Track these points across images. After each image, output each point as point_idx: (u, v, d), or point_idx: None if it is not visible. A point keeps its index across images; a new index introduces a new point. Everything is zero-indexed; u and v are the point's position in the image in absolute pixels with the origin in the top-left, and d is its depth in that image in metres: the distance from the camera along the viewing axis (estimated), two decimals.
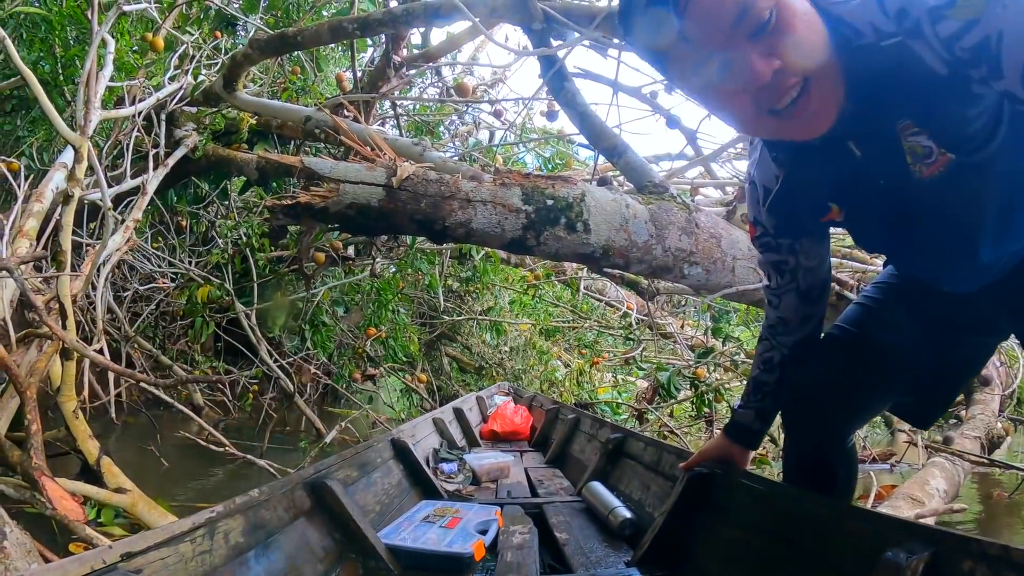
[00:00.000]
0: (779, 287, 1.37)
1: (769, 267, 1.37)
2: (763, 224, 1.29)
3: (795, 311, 1.38)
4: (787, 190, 1.19)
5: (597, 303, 7.60)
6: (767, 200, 1.24)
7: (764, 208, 1.25)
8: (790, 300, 1.37)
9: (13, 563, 1.35)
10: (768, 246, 1.33)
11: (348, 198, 1.97)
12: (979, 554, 0.79)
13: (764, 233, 1.31)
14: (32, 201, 3.01)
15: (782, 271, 1.35)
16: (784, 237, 1.29)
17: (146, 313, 5.37)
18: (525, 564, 1.60)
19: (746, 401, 1.52)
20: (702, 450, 1.63)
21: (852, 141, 1.03)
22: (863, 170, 1.05)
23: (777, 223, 1.27)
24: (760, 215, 1.28)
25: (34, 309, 2.24)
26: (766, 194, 1.23)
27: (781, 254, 1.32)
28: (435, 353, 8.06)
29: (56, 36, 3.69)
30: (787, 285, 1.35)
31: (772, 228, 1.29)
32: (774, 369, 1.44)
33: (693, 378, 4.83)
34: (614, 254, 2.22)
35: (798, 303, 1.37)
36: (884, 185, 1.05)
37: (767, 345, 1.45)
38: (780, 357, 1.43)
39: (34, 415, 1.97)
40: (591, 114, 2.74)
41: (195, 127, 4.52)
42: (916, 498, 2.38)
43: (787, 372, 1.44)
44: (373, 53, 5.40)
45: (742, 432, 1.53)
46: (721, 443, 1.57)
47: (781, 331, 1.41)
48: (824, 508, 1.16)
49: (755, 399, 1.49)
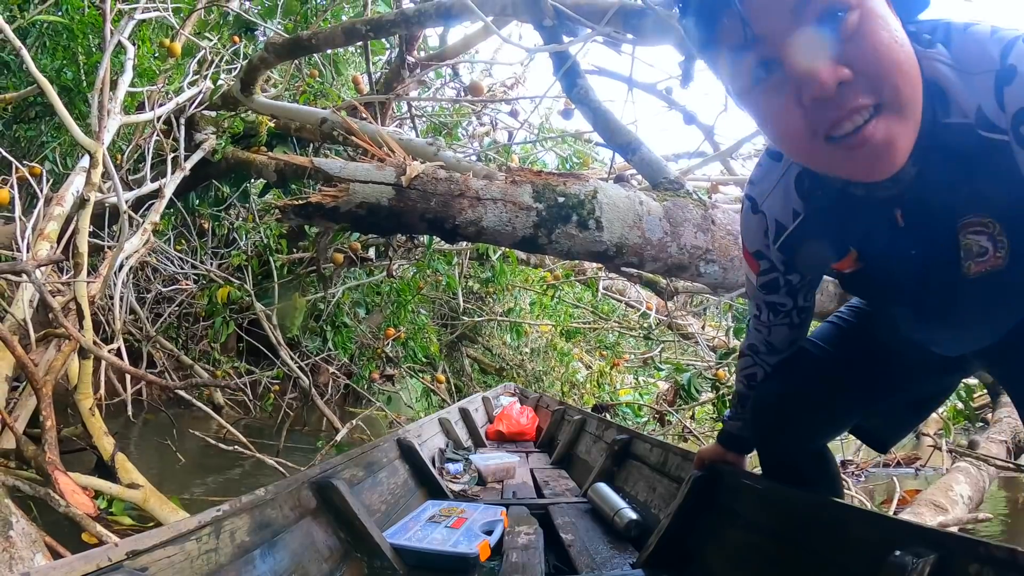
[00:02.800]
0: (769, 323, 1.32)
1: (763, 305, 1.30)
2: (770, 259, 1.20)
3: (783, 340, 1.35)
4: (806, 231, 1.09)
5: (617, 304, 7.56)
6: (779, 237, 1.13)
7: (775, 246, 1.15)
8: (781, 332, 1.33)
9: (18, 553, 1.37)
10: (772, 286, 1.24)
11: (358, 197, 1.98)
12: (986, 557, 0.77)
13: (770, 269, 1.21)
14: (53, 205, 3.08)
15: (777, 312, 1.29)
16: (793, 274, 1.21)
17: (167, 313, 5.46)
18: (530, 565, 1.59)
19: (734, 412, 1.51)
20: (699, 455, 1.63)
21: (899, 209, 0.94)
22: (899, 239, 0.97)
23: (787, 260, 1.17)
24: (767, 249, 1.18)
25: (51, 311, 2.28)
26: (779, 230, 1.13)
27: (780, 296, 1.26)
28: (456, 354, 8.09)
29: (79, 43, 3.77)
30: (779, 321, 1.31)
31: (781, 265, 1.19)
32: (757, 385, 1.42)
33: (714, 380, 4.78)
34: (628, 252, 2.19)
35: (789, 334, 1.33)
36: (917, 259, 0.97)
37: (750, 361, 1.42)
38: (763, 374, 1.41)
39: (49, 412, 2.01)
40: (604, 111, 2.71)
41: (214, 131, 4.58)
42: (940, 504, 2.32)
43: (759, 385, 1.42)
44: (390, 55, 5.42)
45: (734, 440, 1.54)
46: (716, 449, 1.58)
47: (765, 352, 1.38)
48: (830, 510, 1.13)
49: (742, 412, 1.47)
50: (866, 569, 0.92)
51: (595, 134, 3.01)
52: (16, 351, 2.13)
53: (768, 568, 1.25)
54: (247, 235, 5.27)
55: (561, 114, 5.04)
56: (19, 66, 3.77)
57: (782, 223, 1.11)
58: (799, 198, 1.07)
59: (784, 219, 1.11)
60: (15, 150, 3.93)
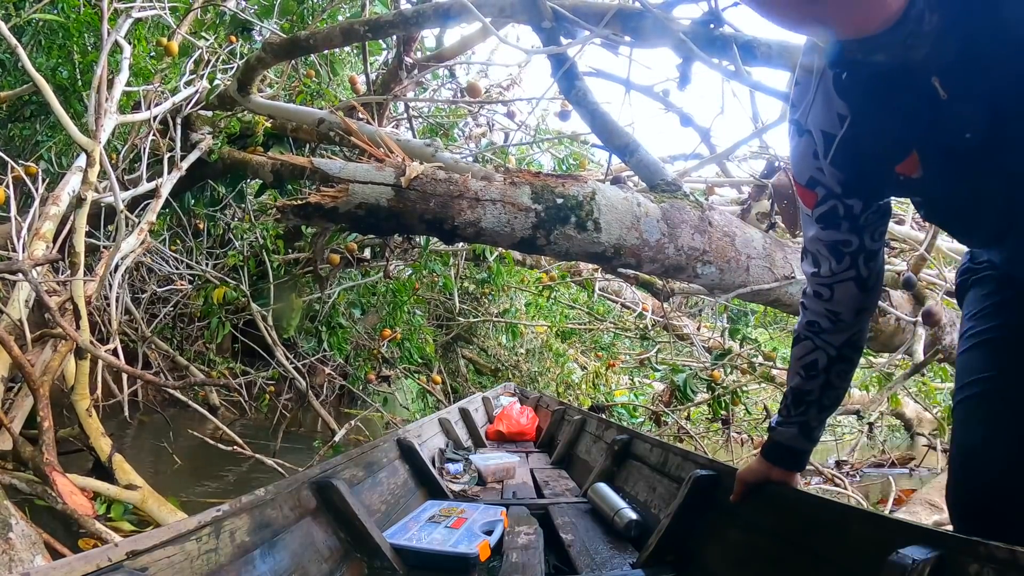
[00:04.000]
0: (833, 275, 1.12)
1: (824, 249, 1.12)
2: (824, 184, 1.05)
3: (850, 303, 1.14)
4: (857, 132, 0.94)
5: (613, 305, 7.57)
6: (830, 149, 0.98)
7: (827, 160, 1.00)
8: (846, 290, 1.13)
9: (18, 554, 1.36)
10: (831, 217, 1.07)
11: (357, 198, 1.98)
12: (987, 557, 0.77)
13: (828, 195, 1.06)
14: (49, 204, 3.06)
15: (840, 255, 1.10)
16: (853, 198, 1.04)
17: (163, 314, 5.45)
18: (530, 565, 1.59)
19: (786, 415, 1.27)
20: (740, 475, 1.39)
21: (936, 76, 0.82)
22: (947, 118, 0.84)
23: (846, 178, 1.02)
24: (820, 172, 1.03)
25: (48, 310, 2.28)
26: (828, 142, 0.98)
27: (842, 232, 1.08)
28: (451, 355, 8.08)
29: (74, 42, 3.76)
30: (844, 273, 1.11)
31: (839, 186, 1.03)
32: (818, 375, 1.20)
33: (709, 380, 4.80)
34: (626, 253, 2.20)
35: (856, 293, 1.13)
36: (975, 144, 0.84)
37: (808, 346, 1.21)
38: (826, 360, 1.19)
39: (46, 412, 2.01)
40: (602, 113, 2.72)
41: (211, 131, 4.57)
42: (935, 504, 2.33)
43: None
44: (387, 56, 5.42)
45: (783, 453, 1.29)
46: (759, 467, 1.33)
47: (828, 327, 1.17)
48: (830, 510, 1.13)
49: (796, 413, 1.24)
50: (866, 569, 0.92)
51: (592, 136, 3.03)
52: (12, 351, 2.13)
53: (768, 568, 1.25)
54: (243, 235, 5.26)
55: (558, 116, 5.07)
56: (14, 64, 3.74)
57: (829, 132, 0.98)
58: (840, 99, 0.94)
59: (830, 127, 0.97)
60: (10, 149, 3.91)
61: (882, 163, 0.96)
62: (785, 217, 2.73)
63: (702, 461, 1.70)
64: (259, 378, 5.37)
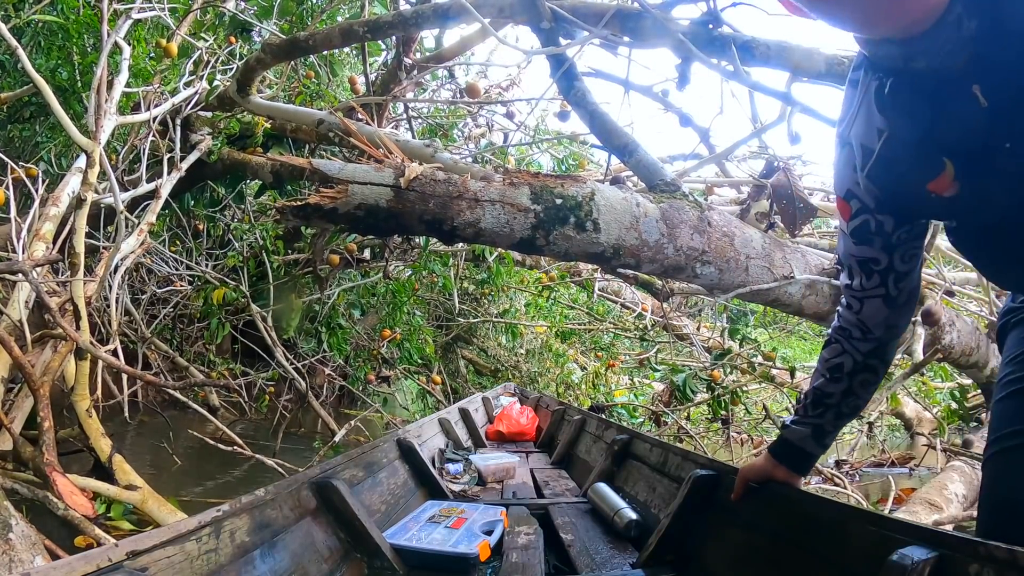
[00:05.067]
0: (862, 290, 1.14)
1: (854, 264, 1.13)
2: (860, 197, 1.05)
3: (879, 319, 1.15)
4: (893, 148, 0.95)
5: (612, 305, 7.57)
6: (868, 163, 0.99)
7: (863, 174, 1.01)
8: (874, 306, 1.14)
9: (18, 555, 1.37)
10: (864, 232, 1.08)
11: (357, 199, 1.97)
12: (986, 557, 0.77)
13: (861, 209, 1.06)
14: (49, 205, 3.06)
15: (870, 272, 1.11)
16: (886, 214, 1.05)
17: (163, 315, 5.44)
18: (530, 565, 1.59)
19: (803, 415, 1.26)
20: (742, 473, 1.39)
21: (976, 84, 0.81)
22: (986, 128, 0.83)
23: (879, 193, 1.03)
24: (857, 185, 1.04)
25: (48, 311, 2.28)
26: (865, 156, 1.00)
27: (874, 249, 1.08)
28: (451, 355, 8.08)
29: (74, 43, 3.76)
30: (873, 290, 1.12)
31: (872, 201, 1.04)
32: (842, 378, 1.20)
33: (709, 380, 4.80)
34: (625, 253, 2.20)
35: (885, 311, 1.14)
36: (1011, 151, 0.83)
37: (836, 349, 1.21)
38: (852, 364, 1.19)
39: (46, 413, 2.01)
40: (601, 113, 2.72)
41: (210, 131, 4.57)
42: (935, 503, 2.33)
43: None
44: (386, 56, 5.42)
45: (791, 453, 1.28)
46: (764, 464, 1.33)
47: (857, 336, 1.18)
48: (830, 510, 1.14)
49: (813, 414, 1.23)
50: (866, 569, 0.92)
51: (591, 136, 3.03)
52: (13, 352, 2.13)
53: (768, 568, 1.25)
54: (243, 236, 5.26)
55: (557, 116, 5.07)
56: (14, 65, 3.75)
57: (867, 146, 0.99)
58: (880, 114, 0.95)
59: (869, 141, 0.99)
60: (10, 150, 3.91)
61: (915, 179, 0.95)
62: (784, 217, 2.73)
63: (702, 461, 1.70)
64: (259, 379, 5.37)
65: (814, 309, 2.59)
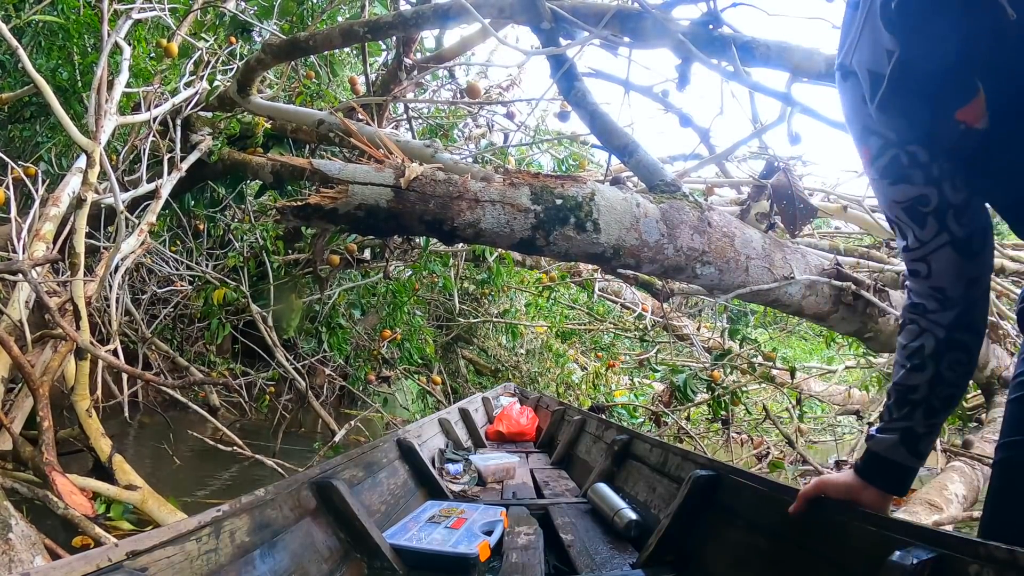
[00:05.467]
0: (923, 243, 0.95)
1: (901, 215, 0.95)
2: (879, 133, 0.91)
3: (954, 274, 0.95)
4: (908, 67, 0.82)
5: (613, 305, 7.57)
6: (877, 91, 0.86)
7: (874, 105, 0.87)
8: (945, 258, 0.94)
9: (18, 555, 1.37)
10: (896, 168, 0.92)
11: (357, 199, 1.97)
12: (986, 557, 0.77)
13: (885, 145, 0.91)
14: (49, 205, 3.06)
15: (922, 217, 0.93)
16: (915, 144, 0.89)
17: (163, 315, 5.45)
18: (530, 565, 1.59)
19: (887, 420, 1.02)
20: (820, 482, 1.11)
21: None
22: (1016, 42, 0.72)
23: (900, 123, 0.88)
24: (869, 118, 0.90)
25: (48, 311, 2.28)
26: (874, 83, 0.86)
27: (916, 185, 0.91)
28: (451, 355, 8.08)
29: (74, 44, 3.76)
30: (935, 239, 0.94)
31: (895, 133, 0.89)
32: (925, 364, 0.98)
33: (709, 381, 4.80)
34: (625, 254, 2.20)
35: (958, 260, 0.94)
36: None
37: (913, 331, 1.00)
38: (934, 344, 0.97)
39: (46, 413, 2.01)
40: (601, 113, 2.72)
41: (210, 132, 4.57)
42: (934, 504, 2.33)
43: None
44: (387, 57, 5.43)
45: (881, 468, 1.02)
46: (848, 484, 1.06)
47: (934, 308, 0.97)
48: (830, 511, 1.13)
49: (899, 415, 1.00)
50: (866, 569, 0.92)
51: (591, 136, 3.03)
52: (12, 352, 2.13)
53: (768, 568, 1.25)
54: (243, 236, 5.26)
55: (557, 116, 5.07)
56: (14, 65, 3.75)
57: (876, 72, 0.85)
58: (888, 31, 0.82)
59: (878, 66, 0.85)
60: (10, 150, 3.91)
61: (939, 106, 0.83)
62: (784, 217, 2.73)
63: (702, 461, 1.70)
64: (259, 379, 5.38)
65: (814, 310, 2.59)
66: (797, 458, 4.49)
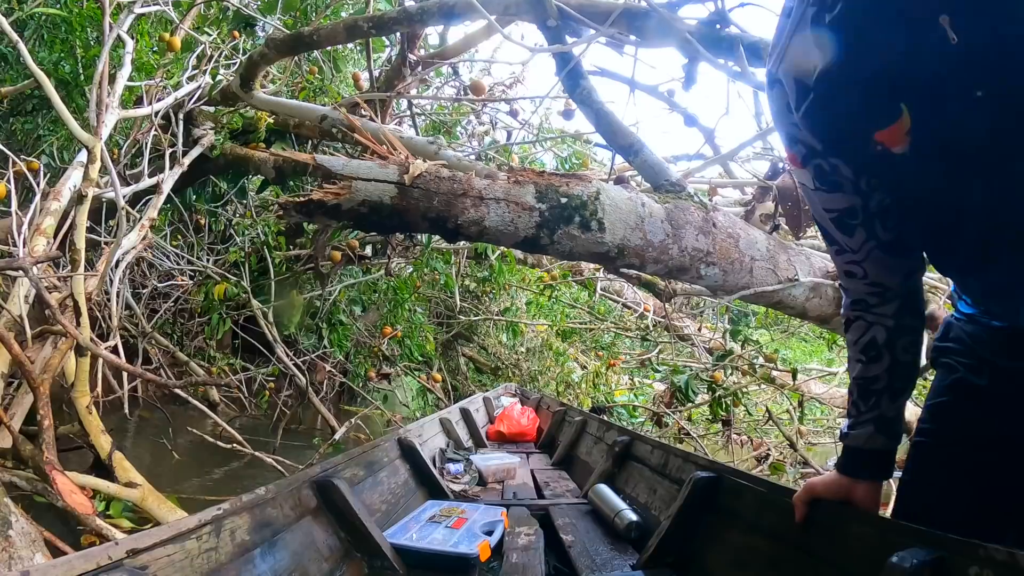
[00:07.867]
0: (854, 251, 0.96)
1: (830, 225, 0.97)
2: (803, 142, 0.91)
3: (890, 271, 0.97)
4: (834, 82, 0.80)
5: (614, 305, 7.57)
6: (802, 101, 0.85)
7: (799, 115, 0.87)
8: (878, 260, 0.96)
9: (17, 552, 1.36)
10: (823, 176, 0.92)
11: (360, 195, 1.96)
12: (986, 559, 0.77)
13: (810, 154, 0.91)
14: (50, 200, 3.05)
15: (851, 227, 0.94)
16: (837, 158, 0.89)
17: (164, 310, 5.44)
18: (531, 566, 1.59)
19: (856, 415, 1.04)
20: (809, 487, 1.13)
21: (946, 15, 0.67)
22: (954, 71, 0.70)
23: (822, 135, 0.88)
24: (795, 127, 0.90)
25: (48, 307, 2.27)
26: (800, 92, 0.85)
27: (846, 195, 0.92)
28: (452, 353, 8.09)
29: (76, 37, 3.75)
30: (863, 245, 0.95)
31: (819, 144, 0.89)
32: (881, 355, 1.00)
33: (710, 381, 4.79)
34: (629, 254, 2.19)
35: (892, 259, 0.96)
36: (987, 106, 0.69)
37: (860, 326, 1.02)
38: (886, 335, 0.99)
39: (46, 410, 2.00)
40: (607, 112, 2.71)
41: (213, 126, 4.56)
42: None
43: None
44: (390, 52, 5.41)
45: (864, 460, 1.06)
46: (837, 485, 1.08)
47: (876, 301, 1.00)
48: (830, 512, 1.13)
49: (867, 408, 1.03)
50: (866, 571, 0.92)
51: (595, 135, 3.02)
52: (12, 348, 2.12)
53: (768, 570, 1.24)
54: (244, 232, 5.26)
55: (562, 114, 5.05)
56: (16, 59, 3.74)
57: (802, 81, 0.84)
58: (817, 46, 0.79)
59: (805, 75, 0.83)
60: (11, 144, 3.90)
61: (859, 125, 0.81)
62: (789, 219, 2.72)
63: (703, 463, 1.69)
64: (259, 375, 5.37)
65: (818, 312, 2.58)
66: (798, 460, 4.48)
